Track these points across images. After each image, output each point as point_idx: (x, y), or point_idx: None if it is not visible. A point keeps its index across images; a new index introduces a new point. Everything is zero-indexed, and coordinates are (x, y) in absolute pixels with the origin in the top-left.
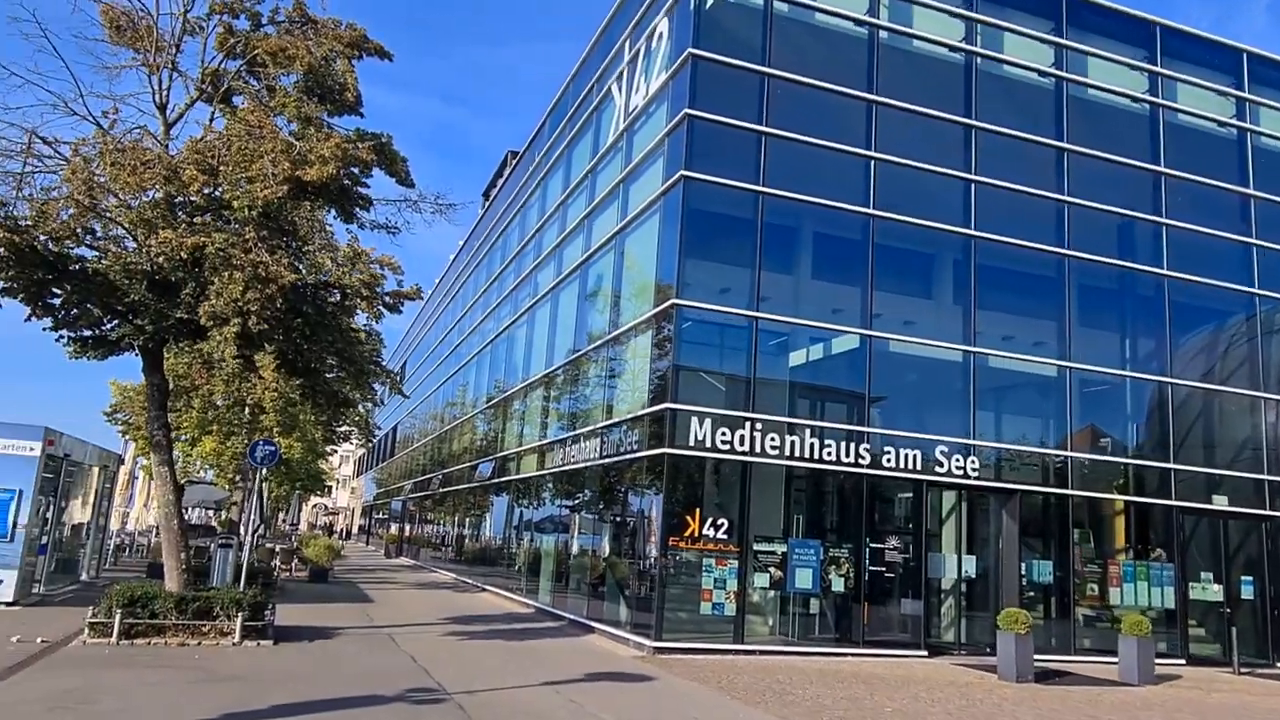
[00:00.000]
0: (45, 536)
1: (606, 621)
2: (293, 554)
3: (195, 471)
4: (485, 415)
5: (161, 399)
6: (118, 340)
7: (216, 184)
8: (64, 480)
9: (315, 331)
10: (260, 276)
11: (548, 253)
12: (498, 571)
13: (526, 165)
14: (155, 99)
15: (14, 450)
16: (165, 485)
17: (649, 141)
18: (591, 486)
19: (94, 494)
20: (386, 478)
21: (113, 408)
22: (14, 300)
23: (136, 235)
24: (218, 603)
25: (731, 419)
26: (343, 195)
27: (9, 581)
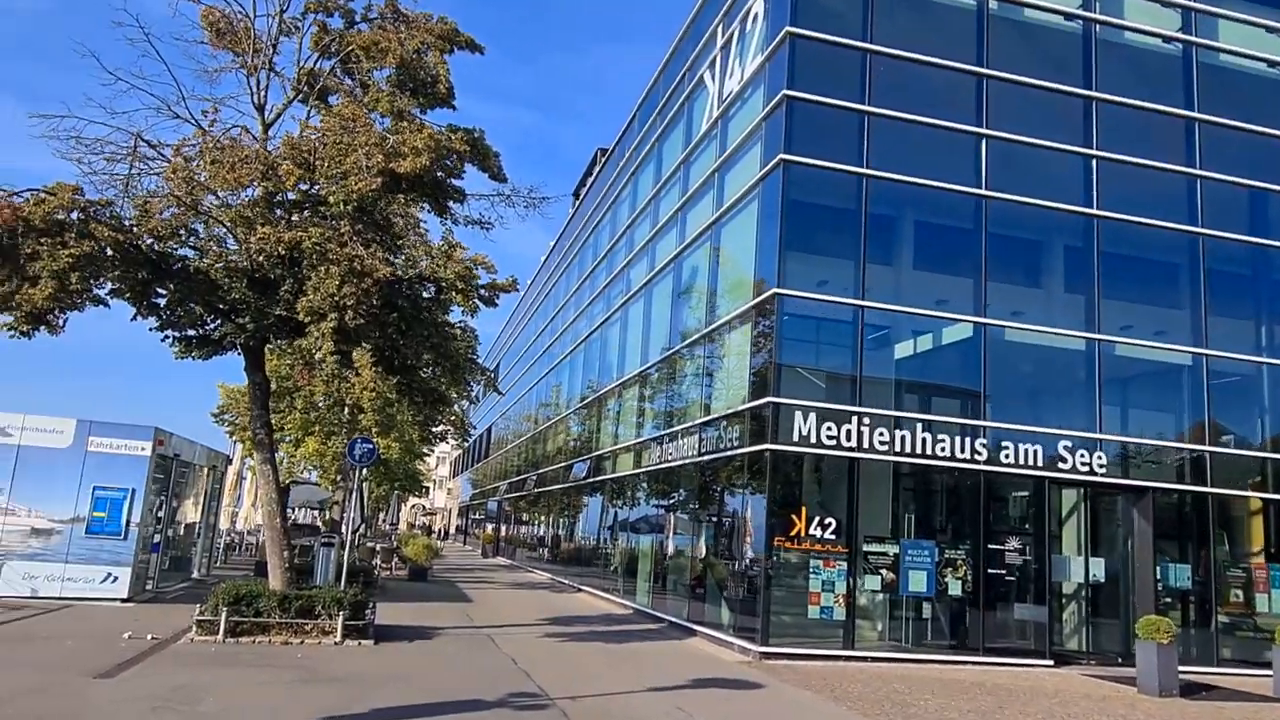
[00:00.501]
0: (157, 535)
1: (708, 624)
2: (393, 553)
3: (299, 472)
4: (578, 415)
5: (263, 398)
6: (220, 339)
7: (312, 179)
8: (174, 480)
9: (411, 326)
10: (356, 270)
11: (640, 248)
12: (593, 572)
13: (616, 161)
14: (253, 100)
15: (126, 450)
16: (268, 484)
17: (745, 127)
18: (688, 485)
19: (203, 493)
20: (482, 478)
21: (220, 409)
22: (122, 300)
23: (236, 233)
24: (319, 602)
25: (837, 413)
26: (436, 188)
27: (123, 579)
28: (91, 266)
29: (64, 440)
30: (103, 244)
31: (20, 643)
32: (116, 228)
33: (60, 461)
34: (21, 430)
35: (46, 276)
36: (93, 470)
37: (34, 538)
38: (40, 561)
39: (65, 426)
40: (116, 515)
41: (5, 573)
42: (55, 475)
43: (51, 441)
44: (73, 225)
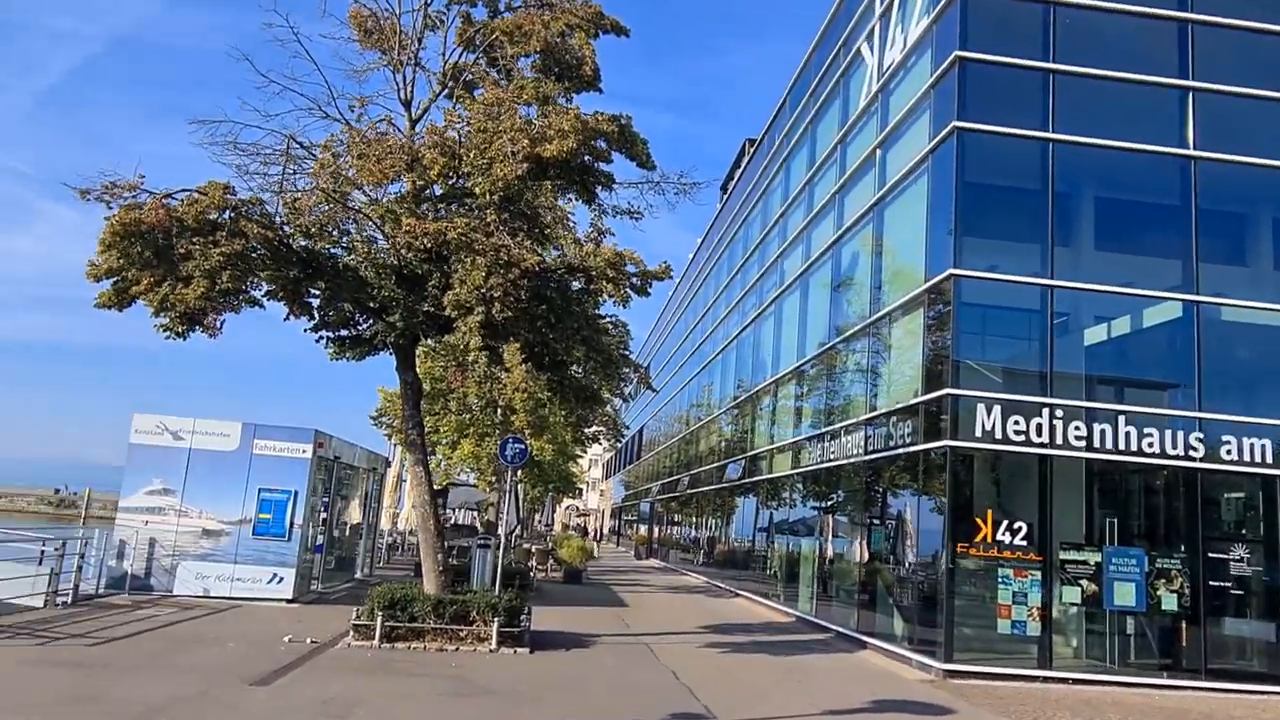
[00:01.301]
0: (321, 536)
1: (879, 636)
2: (548, 554)
3: (457, 474)
4: (732, 414)
5: (415, 397)
6: (371, 338)
7: (458, 169)
8: (336, 482)
9: (561, 319)
10: (502, 261)
11: (794, 237)
12: (750, 576)
13: (766, 150)
14: (400, 95)
15: (289, 452)
16: (421, 485)
17: (910, 98)
18: (852, 485)
19: (365, 495)
20: (634, 480)
21: (378, 411)
22: (275, 300)
23: (384, 229)
24: (474, 607)
25: (1025, 406)
26: (583, 173)
27: (288, 580)
28: (242, 265)
29: (231, 443)
30: (253, 241)
31: (187, 644)
32: (266, 225)
33: (228, 464)
34: (192, 434)
35: (199, 276)
36: (258, 472)
37: (205, 539)
38: (211, 562)
39: (232, 430)
40: (281, 517)
41: (180, 573)
42: (223, 477)
43: (219, 445)
44: (224, 224)
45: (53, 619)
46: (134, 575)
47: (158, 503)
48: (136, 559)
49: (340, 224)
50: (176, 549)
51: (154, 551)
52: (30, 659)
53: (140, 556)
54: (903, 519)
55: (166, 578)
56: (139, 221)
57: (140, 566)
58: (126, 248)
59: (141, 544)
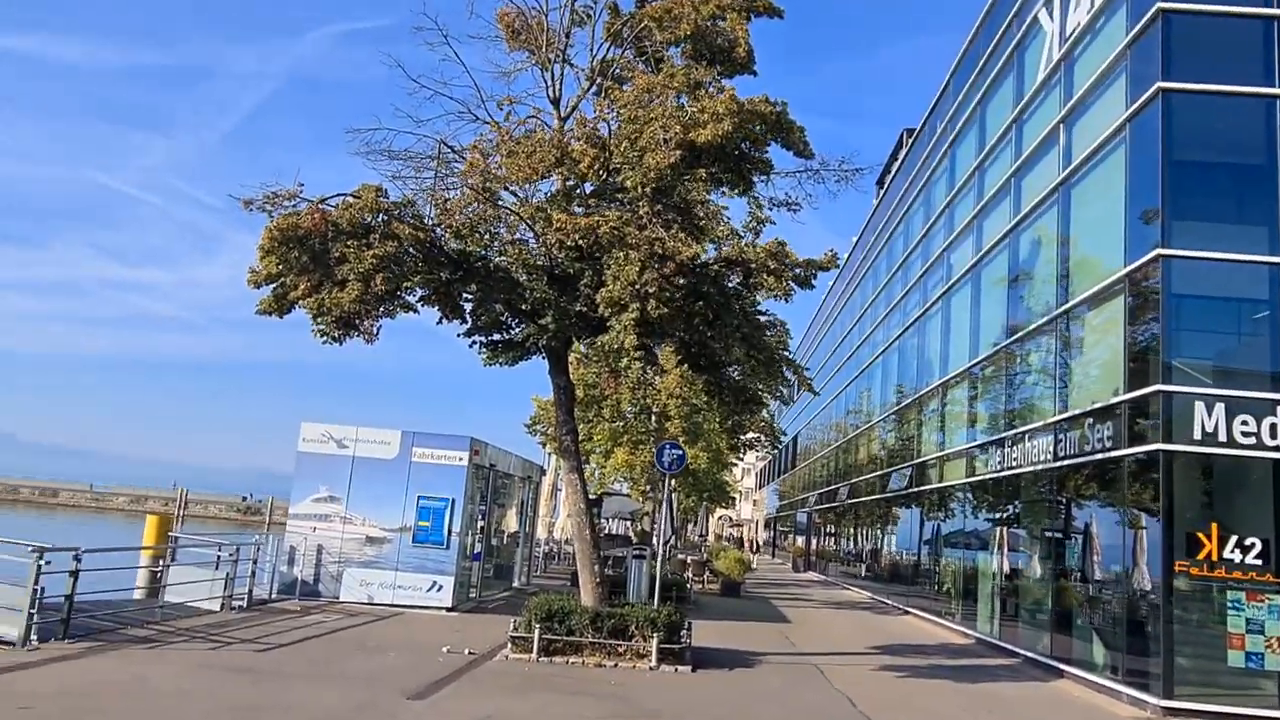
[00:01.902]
0: (479, 544)
1: (1077, 664)
2: (704, 566)
3: (610, 483)
4: (893, 420)
5: (568, 402)
6: (524, 341)
7: (608, 163)
8: (493, 490)
9: (719, 316)
10: (657, 254)
11: (962, 227)
12: (920, 592)
13: (927, 139)
14: (549, 94)
15: (446, 460)
16: (575, 493)
17: (1100, 62)
18: (1035, 495)
19: (521, 503)
20: (788, 490)
21: (532, 419)
22: (429, 305)
23: (535, 228)
24: (633, 621)
25: (1254, 404)
26: (740, 160)
27: (447, 588)
28: (395, 267)
29: (391, 451)
30: (405, 244)
31: (349, 652)
32: (418, 227)
33: (388, 472)
34: (355, 442)
35: (353, 279)
36: (417, 480)
37: (369, 546)
38: (374, 569)
39: (391, 438)
40: (439, 524)
41: (345, 579)
42: (384, 485)
43: (380, 453)
44: (377, 227)
45: (228, 623)
46: (303, 581)
47: (324, 510)
48: (306, 565)
49: (490, 225)
50: (342, 556)
51: (321, 558)
52: (204, 663)
53: (309, 563)
54: (1093, 532)
55: (333, 584)
56: (296, 226)
57: (309, 573)
58: (284, 253)
59: (310, 550)
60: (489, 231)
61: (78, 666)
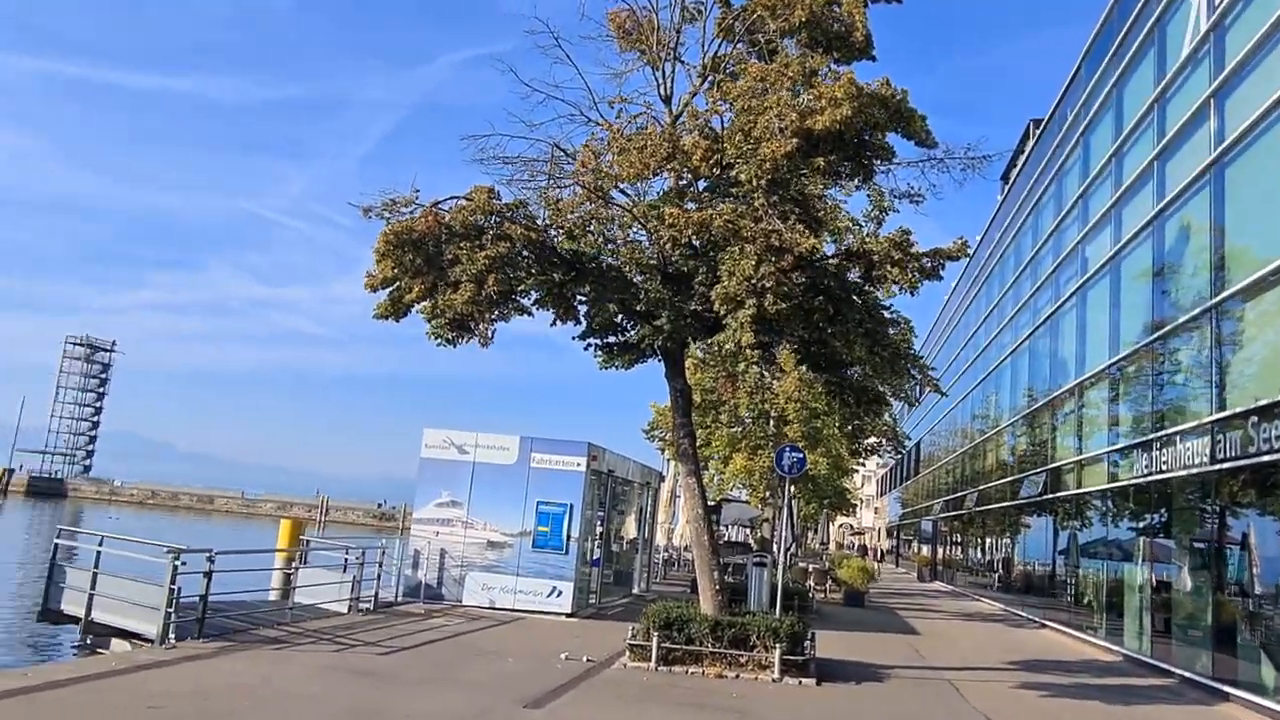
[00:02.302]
0: (598, 550)
1: (1245, 686)
2: (826, 575)
3: (729, 489)
4: (1024, 424)
5: (685, 405)
6: (639, 343)
7: (720, 157)
8: (611, 495)
9: (840, 311)
10: (773, 247)
11: (1099, 218)
12: (1057, 604)
13: (1056, 128)
14: (660, 92)
15: (564, 466)
16: (694, 498)
17: (1259, 26)
18: (1192, 501)
19: (640, 509)
20: (911, 497)
21: (650, 425)
22: (544, 309)
23: (647, 226)
24: (754, 631)
25: None
26: (859, 148)
27: (566, 593)
28: (507, 268)
29: (510, 457)
30: (517, 244)
31: (468, 657)
32: (530, 227)
33: (508, 477)
34: (475, 447)
35: (465, 280)
36: (536, 485)
37: (490, 550)
38: (495, 573)
39: (510, 444)
40: (558, 530)
41: (468, 583)
42: (504, 490)
43: (500, 458)
44: (489, 228)
45: (354, 625)
46: (427, 584)
47: (446, 514)
48: (429, 569)
49: (603, 225)
50: (464, 560)
51: (444, 562)
52: (328, 665)
53: (433, 566)
54: (1252, 542)
55: (456, 588)
56: (410, 229)
57: (433, 576)
58: (399, 256)
59: (433, 554)
60: (601, 232)
61: (208, 666)
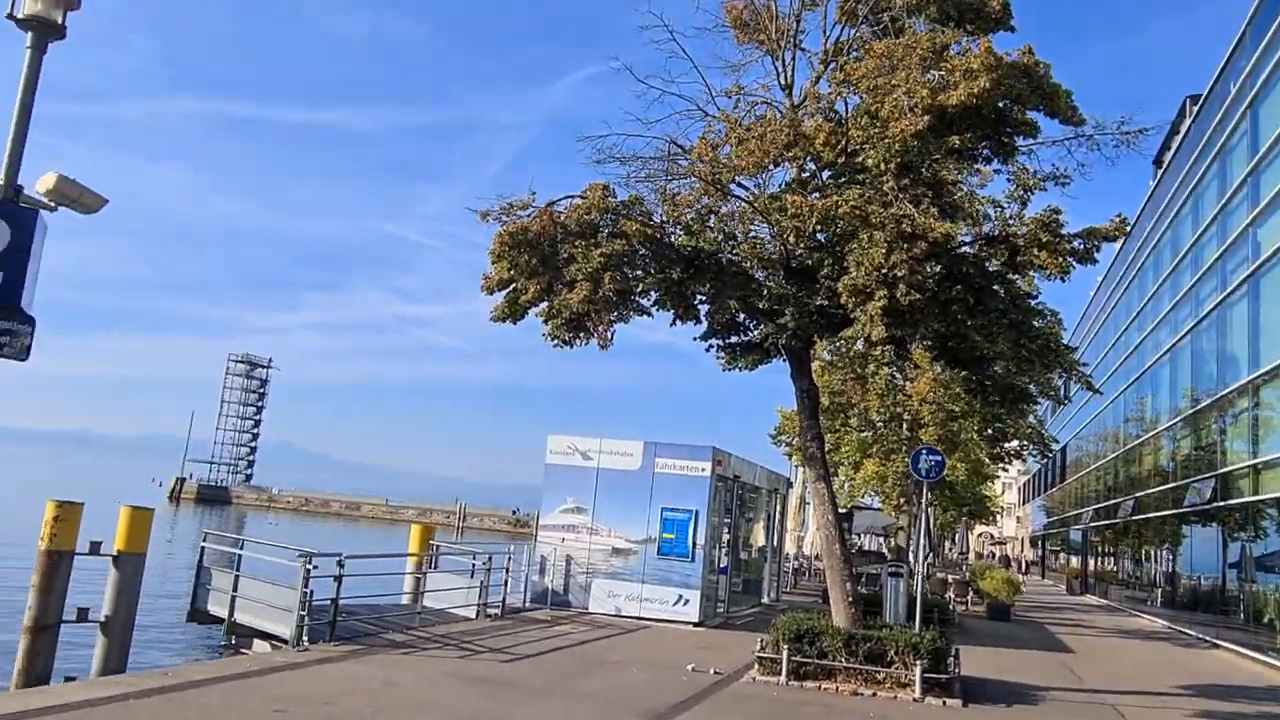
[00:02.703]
0: (725, 557)
1: None
2: (967, 586)
3: (860, 496)
4: (1187, 425)
5: (812, 406)
6: (762, 342)
7: (845, 142)
8: (738, 502)
9: (980, 300)
10: (905, 233)
11: (1271, 196)
12: (1231, 623)
13: (1217, 103)
14: (779, 81)
15: (688, 471)
16: (823, 504)
17: None
18: None
19: (768, 516)
20: (1057, 505)
21: (777, 430)
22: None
23: (769, 218)
24: (892, 646)
25: None
26: (999, 123)
27: (693, 602)
28: (624, 265)
29: (633, 463)
30: (634, 241)
31: (591, 667)
32: (646, 223)
33: (631, 483)
34: (599, 453)
35: (581, 279)
36: (660, 491)
37: (615, 557)
38: (621, 581)
39: (634, 449)
40: (683, 537)
41: (594, 590)
42: (628, 496)
43: (623, 464)
44: (604, 226)
45: (480, 631)
46: (554, 591)
47: (572, 520)
48: (555, 575)
49: (722, 219)
50: (590, 566)
51: (570, 568)
52: (451, 672)
53: (559, 573)
54: None
55: (582, 594)
56: (525, 229)
57: (559, 582)
58: (515, 257)
59: (559, 560)
60: (720, 227)
61: (336, 670)
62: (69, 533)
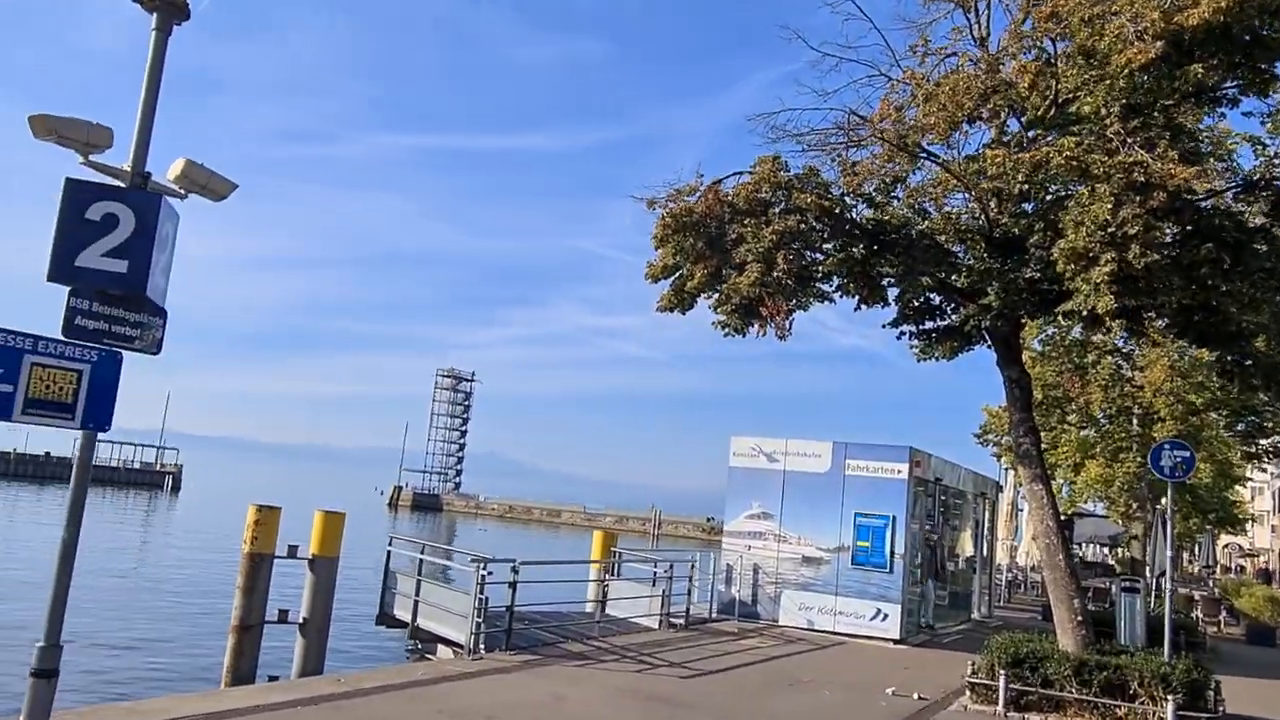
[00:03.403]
0: (929, 568)
1: None
2: (1217, 604)
3: (1081, 502)
4: None
5: (1024, 397)
6: (962, 325)
7: (1054, 87)
8: (941, 507)
9: (1238, 259)
10: (1136, 184)
11: None
12: None
13: None
14: (973, 34)
15: (882, 473)
16: (1042, 508)
17: None
18: None
19: (976, 524)
20: None
21: (982, 429)
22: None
23: (965, 181)
24: (1134, 676)
25: None
26: (1252, 46)
27: (893, 617)
28: (798, 242)
29: (822, 465)
30: (809, 216)
31: (778, 687)
32: (823, 195)
33: (821, 486)
34: (785, 455)
35: (751, 260)
36: (852, 495)
37: (805, 566)
38: (812, 592)
39: (822, 450)
40: (880, 545)
41: (784, 602)
42: (817, 501)
43: (811, 466)
44: (776, 201)
45: (662, 643)
46: (741, 601)
47: (758, 527)
48: (743, 585)
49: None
50: (778, 576)
51: (758, 578)
52: (625, 687)
53: (746, 582)
54: None
55: (771, 606)
56: (689, 211)
57: (746, 593)
58: (680, 241)
59: (746, 569)
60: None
61: (505, 682)
62: (268, 536)
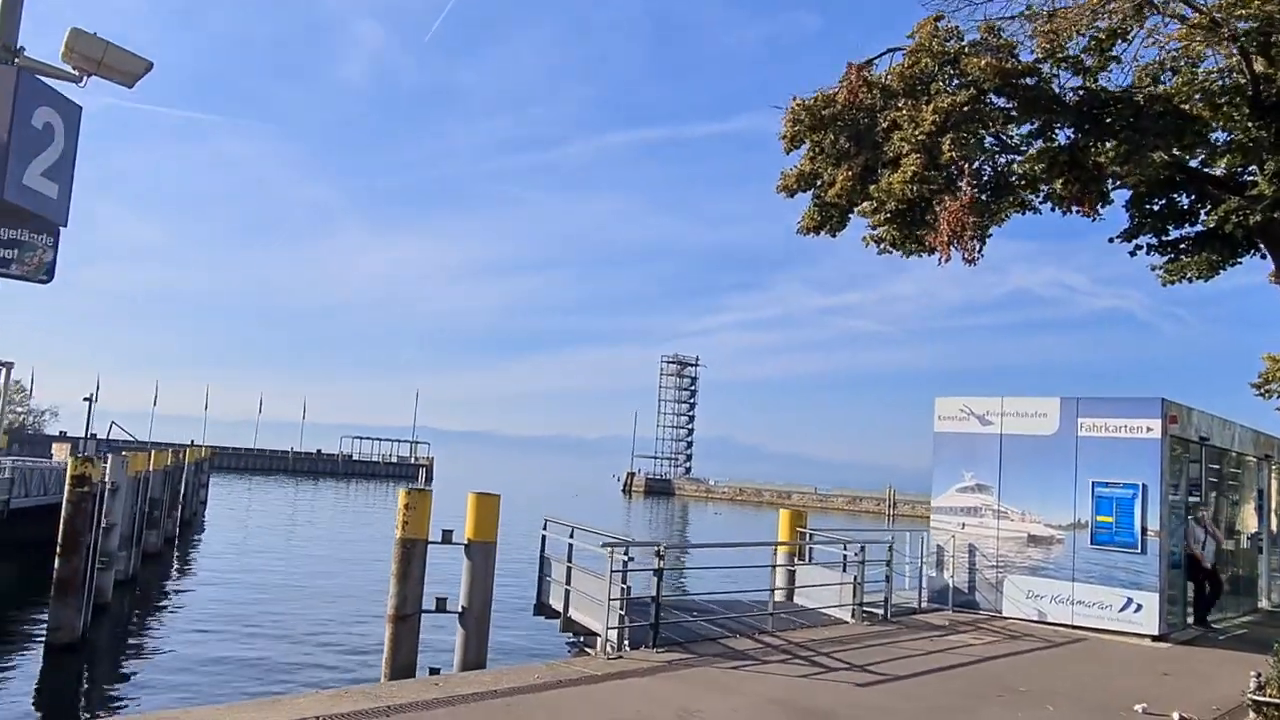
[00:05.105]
0: (1197, 547)
1: None
2: None
3: None
4: None
5: None
6: (1220, 227)
7: None
8: (1210, 473)
9: None
10: None
11: None
12: None
13: None
14: None
15: (1126, 432)
16: None
17: None
18: None
19: (1260, 493)
20: None
21: (1262, 377)
22: (1053, 203)
23: (1223, 30)
24: None
25: None
26: None
27: (1148, 607)
28: (970, 122)
29: (1049, 425)
30: (986, 86)
31: (982, 699)
32: (1006, 57)
33: (1047, 452)
34: (1001, 416)
35: (908, 150)
36: (1087, 461)
37: (1031, 547)
38: (1042, 577)
39: (1048, 408)
40: (1126, 520)
41: (1007, 589)
42: (1044, 468)
43: (1034, 427)
44: (941, 75)
45: (850, 638)
46: (955, 589)
47: (971, 502)
48: (956, 569)
49: (1136, 55)
50: (999, 559)
51: (974, 561)
52: (777, 697)
53: (960, 567)
54: None
55: (992, 593)
56: (829, 100)
57: (962, 579)
58: (818, 139)
59: (959, 551)
60: (1136, 63)
61: (633, 686)
62: (420, 521)
